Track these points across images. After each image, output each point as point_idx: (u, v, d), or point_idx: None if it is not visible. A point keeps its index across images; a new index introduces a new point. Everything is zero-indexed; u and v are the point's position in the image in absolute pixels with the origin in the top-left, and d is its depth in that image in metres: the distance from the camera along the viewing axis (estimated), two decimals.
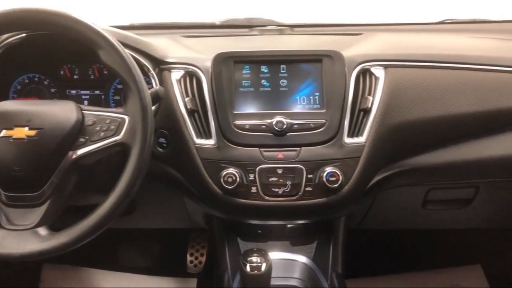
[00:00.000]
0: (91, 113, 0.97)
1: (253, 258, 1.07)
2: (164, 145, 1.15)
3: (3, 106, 0.97)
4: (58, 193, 0.94)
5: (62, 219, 0.97)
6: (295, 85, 1.14)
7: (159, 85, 1.15)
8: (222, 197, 1.10)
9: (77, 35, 0.95)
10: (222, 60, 1.14)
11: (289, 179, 1.09)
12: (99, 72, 1.29)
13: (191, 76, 1.16)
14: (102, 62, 0.96)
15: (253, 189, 1.09)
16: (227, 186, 1.07)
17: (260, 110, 1.13)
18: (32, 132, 0.92)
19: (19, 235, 0.92)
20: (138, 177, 0.92)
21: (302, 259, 1.27)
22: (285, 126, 1.09)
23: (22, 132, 0.92)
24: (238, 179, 1.07)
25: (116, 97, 1.29)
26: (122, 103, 1.19)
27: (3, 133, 0.92)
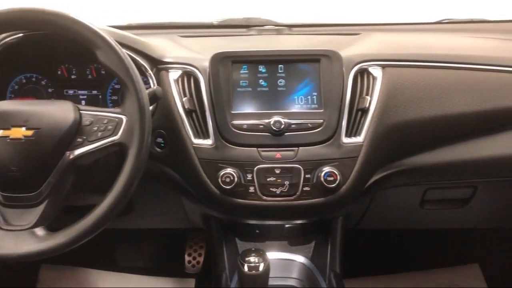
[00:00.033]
0: (89, 113, 0.96)
1: (251, 258, 1.07)
2: (161, 145, 1.15)
3: (0, 106, 0.97)
4: (56, 193, 0.94)
5: (59, 219, 0.97)
6: (293, 85, 1.14)
7: (157, 85, 1.15)
8: (220, 197, 1.10)
9: (74, 35, 0.95)
10: (219, 60, 1.14)
11: (287, 179, 1.09)
12: (96, 72, 1.29)
13: (188, 76, 1.15)
14: (100, 62, 0.96)
15: (251, 189, 1.09)
16: (225, 186, 1.07)
17: (258, 110, 1.13)
18: (29, 132, 0.92)
19: (16, 236, 0.91)
20: (136, 177, 0.92)
21: (300, 259, 1.27)
22: (283, 126, 1.09)
23: (19, 132, 0.92)
24: (236, 179, 1.07)
25: (114, 97, 1.29)
26: (120, 103, 1.19)
27: (0, 133, 0.92)
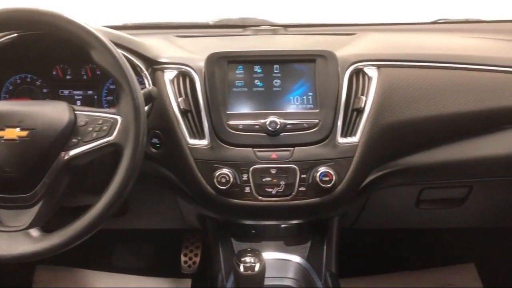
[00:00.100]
0: (84, 113, 0.96)
1: (247, 259, 1.08)
2: (157, 145, 1.15)
3: None
4: (51, 194, 0.94)
5: (54, 220, 0.97)
6: (289, 85, 1.14)
7: (152, 85, 1.15)
8: (216, 198, 1.09)
9: (69, 35, 0.95)
10: (215, 60, 1.13)
11: (282, 179, 1.09)
12: (92, 72, 1.29)
13: (184, 76, 1.15)
14: (95, 62, 0.96)
15: (247, 189, 1.09)
16: (221, 187, 1.07)
17: (253, 110, 1.13)
18: (24, 133, 0.91)
19: (11, 237, 0.91)
20: (131, 177, 0.91)
21: (296, 259, 1.27)
22: (278, 126, 1.09)
23: (14, 133, 0.91)
24: (232, 180, 1.07)
25: (109, 98, 1.29)
26: (115, 104, 1.19)
27: None
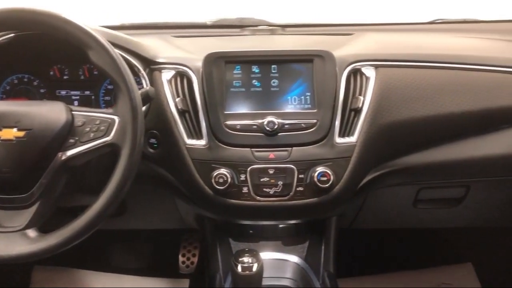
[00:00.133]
0: (81, 113, 0.96)
1: (245, 259, 1.08)
2: (154, 145, 1.15)
3: None
4: (48, 194, 0.94)
5: (51, 220, 0.96)
6: (286, 85, 1.14)
7: (150, 85, 1.15)
8: (213, 198, 1.09)
9: (66, 35, 0.94)
10: (213, 60, 1.13)
11: (280, 179, 1.09)
12: (89, 73, 1.28)
13: (182, 76, 1.15)
14: (92, 63, 0.95)
15: (245, 190, 1.09)
16: (218, 187, 1.07)
17: (251, 110, 1.13)
18: (21, 133, 0.91)
19: (8, 237, 0.91)
20: (129, 178, 0.91)
21: (294, 259, 1.27)
22: (276, 126, 1.09)
23: (11, 133, 0.91)
24: (230, 180, 1.07)
25: (107, 98, 1.28)
26: (113, 104, 1.19)
27: None
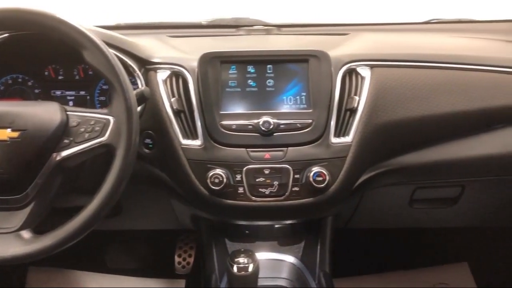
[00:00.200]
0: (76, 114, 0.95)
1: (240, 259, 1.07)
2: (150, 146, 1.14)
3: None
4: (42, 195, 0.93)
5: (46, 221, 0.96)
6: (282, 85, 1.14)
7: (145, 85, 1.14)
8: (209, 198, 1.09)
9: (61, 35, 0.94)
10: (208, 60, 1.13)
11: (276, 179, 1.09)
12: (84, 73, 1.28)
13: (177, 76, 1.15)
14: (87, 63, 0.95)
15: (240, 190, 1.09)
16: (214, 187, 1.07)
17: (246, 110, 1.13)
18: (15, 134, 0.91)
19: (2, 239, 0.90)
20: (124, 178, 0.91)
21: (289, 259, 1.27)
22: (271, 126, 1.09)
23: (5, 134, 0.91)
24: (225, 180, 1.07)
25: (102, 98, 1.28)
26: (108, 104, 1.18)
27: None
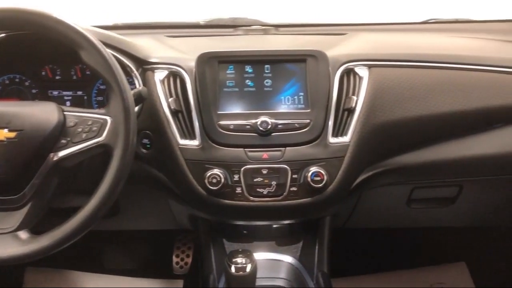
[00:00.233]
0: (73, 114, 0.95)
1: (238, 259, 1.07)
2: (147, 146, 1.14)
3: None
4: (39, 195, 0.93)
5: (43, 222, 0.96)
6: (280, 85, 1.14)
7: (142, 85, 1.14)
8: (207, 198, 1.09)
9: (58, 35, 0.94)
10: (206, 60, 1.13)
11: (274, 179, 1.09)
12: (81, 73, 1.27)
13: (174, 76, 1.15)
14: (84, 63, 0.95)
15: (238, 190, 1.09)
16: (212, 187, 1.07)
17: (244, 110, 1.13)
18: (12, 134, 0.91)
19: None
20: (121, 178, 0.91)
21: (287, 259, 1.27)
22: (269, 126, 1.09)
23: (2, 134, 0.90)
24: (223, 180, 1.07)
25: (99, 98, 1.27)
26: (105, 104, 1.18)
27: None
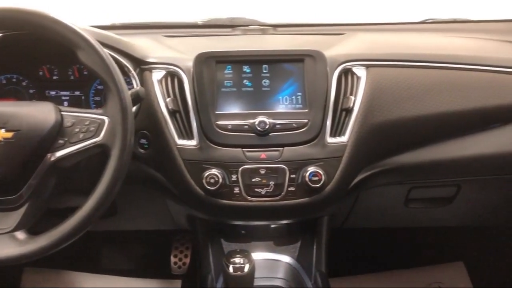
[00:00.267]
0: (70, 114, 0.95)
1: (236, 259, 1.08)
2: (145, 146, 1.14)
3: None
4: (37, 196, 0.93)
5: (41, 222, 0.96)
6: (278, 85, 1.14)
7: (140, 85, 1.14)
8: (205, 198, 1.09)
9: (55, 35, 0.94)
10: (203, 60, 1.13)
11: (272, 179, 1.09)
12: (79, 73, 1.27)
13: (172, 76, 1.15)
14: (81, 63, 0.95)
15: (236, 190, 1.08)
16: (210, 187, 1.07)
17: (242, 110, 1.13)
18: (9, 134, 0.90)
19: None
20: (119, 178, 0.91)
21: (286, 259, 1.27)
22: (267, 126, 1.09)
23: None
24: (221, 180, 1.07)
25: (97, 98, 1.27)
26: (103, 104, 1.18)
27: None
